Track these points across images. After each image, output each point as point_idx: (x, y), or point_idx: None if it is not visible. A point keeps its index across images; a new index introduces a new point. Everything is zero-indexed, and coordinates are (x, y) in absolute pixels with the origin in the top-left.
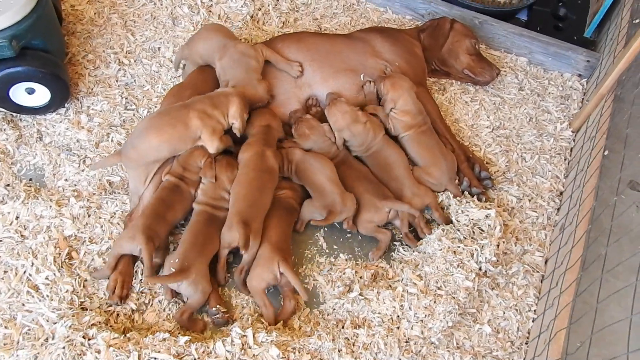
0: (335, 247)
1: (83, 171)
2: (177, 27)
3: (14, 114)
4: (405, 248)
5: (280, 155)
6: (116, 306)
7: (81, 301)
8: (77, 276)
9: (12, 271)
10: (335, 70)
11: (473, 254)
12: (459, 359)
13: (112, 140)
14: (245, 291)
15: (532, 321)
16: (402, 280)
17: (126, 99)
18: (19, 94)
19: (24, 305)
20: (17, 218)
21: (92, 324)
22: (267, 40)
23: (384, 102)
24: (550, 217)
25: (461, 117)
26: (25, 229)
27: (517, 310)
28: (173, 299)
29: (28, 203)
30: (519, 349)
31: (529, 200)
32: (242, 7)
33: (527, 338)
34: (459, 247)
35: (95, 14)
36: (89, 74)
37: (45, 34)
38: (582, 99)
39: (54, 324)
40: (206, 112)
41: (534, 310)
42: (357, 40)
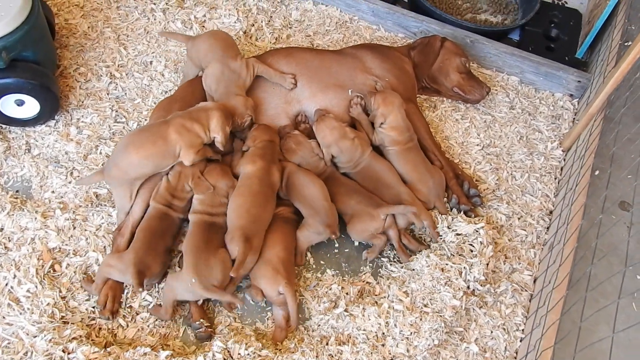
0: (322, 262)
1: (70, 183)
2: (169, 41)
3: (3, 125)
4: (394, 264)
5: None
6: (107, 321)
7: (62, 315)
8: (59, 289)
9: None
10: (324, 85)
11: (461, 272)
12: None
13: (100, 153)
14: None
15: (520, 340)
16: (388, 296)
17: (116, 111)
18: (8, 105)
19: (4, 318)
20: (1, 230)
21: (72, 338)
22: (258, 55)
23: (373, 117)
24: (539, 235)
25: (451, 134)
26: (9, 240)
27: (504, 329)
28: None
29: (13, 215)
30: None
31: (519, 219)
32: (235, 22)
33: (515, 358)
34: (447, 264)
35: (88, 27)
36: (80, 86)
37: (36, 46)
38: (573, 118)
39: (34, 337)
40: (185, 126)
41: (522, 330)
42: (347, 56)
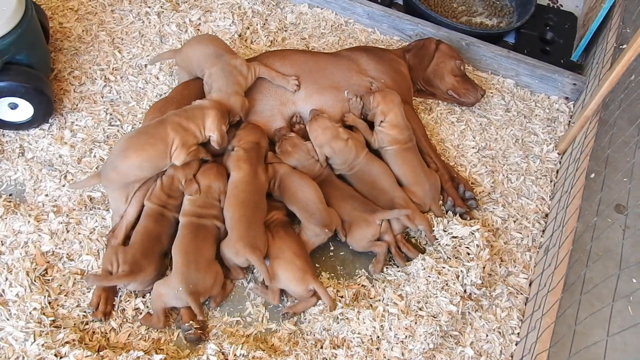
0: (317, 265)
1: (64, 186)
2: (164, 44)
3: None
4: (389, 267)
5: (269, 172)
6: (100, 322)
7: (53, 319)
8: (48, 293)
9: None
10: (319, 87)
11: (459, 276)
12: None
13: (94, 156)
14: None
15: (515, 344)
16: (383, 300)
17: (111, 115)
18: (1, 109)
19: None
20: None
21: (65, 342)
22: (253, 57)
23: (372, 115)
24: (535, 238)
25: (447, 137)
26: (2, 244)
27: (500, 332)
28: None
29: (6, 218)
30: None
31: (514, 222)
32: (230, 25)
33: None
34: (444, 267)
35: (83, 31)
36: (74, 90)
37: (29, 49)
38: (569, 121)
39: (25, 341)
40: (181, 124)
41: (517, 333)
42: (343, 58)
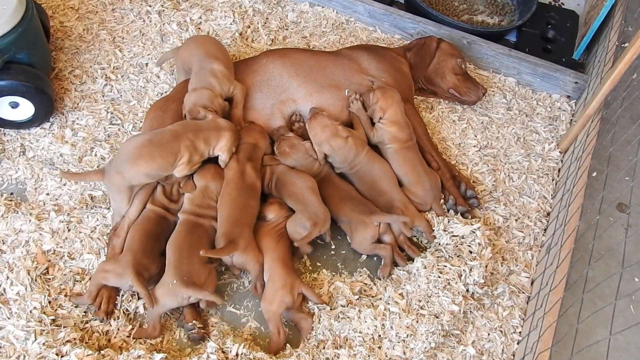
0: (318, 264)
1: (65, 185)
2: (165, 43)
3: None
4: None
5: (263, 171)
6: (100, 322)
7: (52, 318)
8: (48, 292)
9: None
10: (319, 85)
11: (461, 275)
12: None
13: (95, 155)
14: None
15: (517, 343)
16: (384, 298)
17: (112, 113)
18: (2, 108)
19: None
20: None
21: (66, 341)
22: (254, 56)
23: (372, 111)
24: (537, 237)
25: (448, 135)
26: (3, 243)
27: (502, 331)
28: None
29: (7, 217)
30: None
31: (516, 220)
32: (231, 24)
33: None
34: (445, 266)
35: (84, 30)
36: (75, 89)
37: (30, 48)
38: (571, 120)
39: (26, 340)
40: (194, 144)
41: (519, 332)
42: (343, 57)
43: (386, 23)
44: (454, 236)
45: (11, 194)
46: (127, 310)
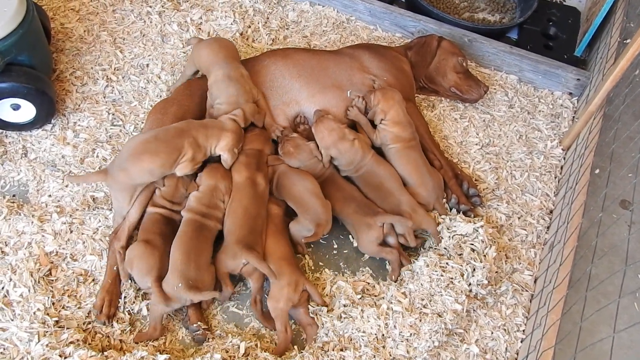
0: (320, 263)
1: (67, 187)
2: (166, 44)
3: None
4: None
5: (269, 176)
6: (102, 325)
7: (56, 320)
8: (52, 293)
9: None
10: (322, 86)
11: (463, 274)
12: None
13: (97, 156)
14: (267, 323)
15: (521, 341)
16: (386, 297)
17: (113, 115)
18: (4, 110)
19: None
20: None
21: (69, 342)
22: (255, 56)
23: (373, 113)
24: (540, 235)
25: (450, 134)
26: (6, 245)
27: (505, 330)
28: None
29: (10, 219)
30: None
31: (519, 218)
32: (232, 24)
33: (516, 359)
34: (447, 264)
35: (84, 31)
36: (77, 90)
37: (31, 50)
38: (573, 117)
39: (30, 341)
40: (197, 142)
41: (523, 330)
42: (345, 56)
43: (387, 21)
44: (457, 235)
45: (13, 195)
46: (130, 312)
